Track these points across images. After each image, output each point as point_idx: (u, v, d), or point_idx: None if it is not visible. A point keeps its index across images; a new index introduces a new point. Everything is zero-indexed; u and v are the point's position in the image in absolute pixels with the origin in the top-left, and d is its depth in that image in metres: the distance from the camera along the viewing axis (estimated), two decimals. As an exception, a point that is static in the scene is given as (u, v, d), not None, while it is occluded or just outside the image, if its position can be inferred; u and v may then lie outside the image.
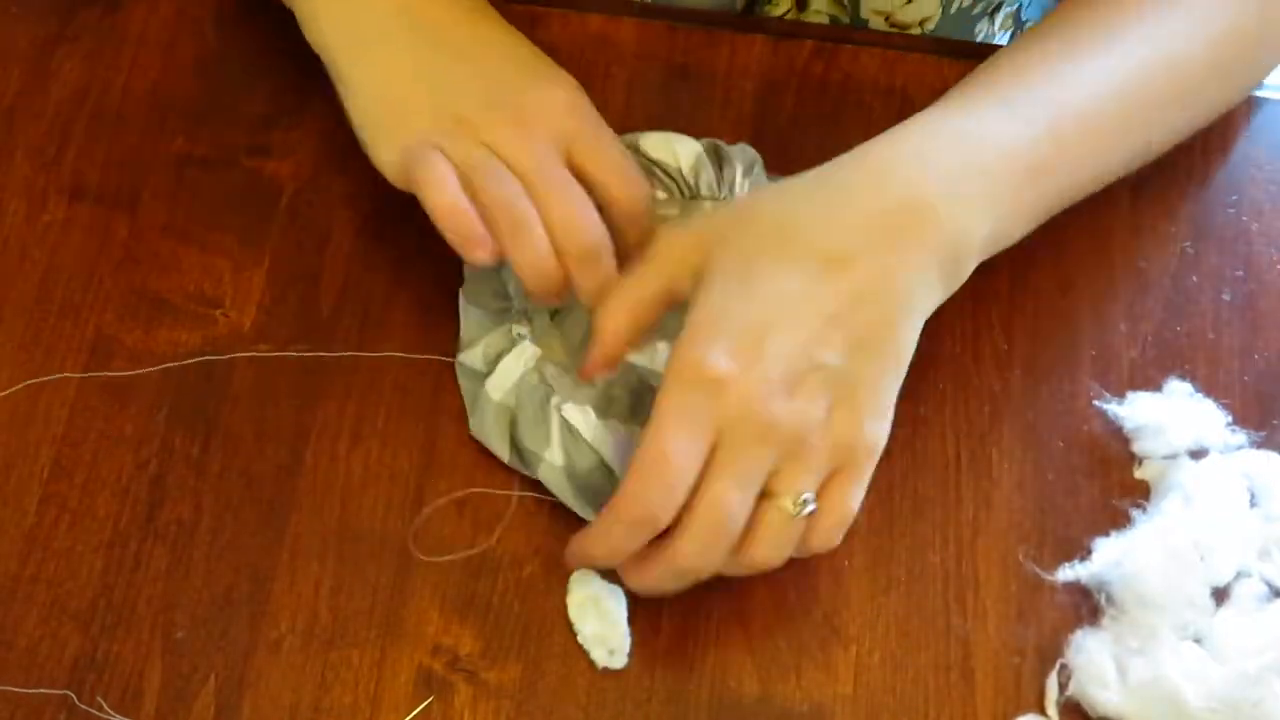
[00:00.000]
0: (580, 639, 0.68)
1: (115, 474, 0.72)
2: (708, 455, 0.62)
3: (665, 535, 0.63)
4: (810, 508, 0.63)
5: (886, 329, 0.64)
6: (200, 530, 0.70)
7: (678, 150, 0.75)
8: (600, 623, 0.68)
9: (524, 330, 0.71)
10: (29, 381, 0.73)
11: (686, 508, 0.62)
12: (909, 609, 0.69)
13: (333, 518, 0.71)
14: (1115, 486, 0.72)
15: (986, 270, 0.76)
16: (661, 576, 0.65)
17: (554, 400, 0.69)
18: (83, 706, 0.66)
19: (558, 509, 0.70)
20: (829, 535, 0.65)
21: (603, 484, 0.68)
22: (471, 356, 0.72)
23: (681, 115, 0.79)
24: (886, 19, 0.87)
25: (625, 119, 0.80)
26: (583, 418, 0.69)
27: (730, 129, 0.79)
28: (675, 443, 0.61)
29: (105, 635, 0.68)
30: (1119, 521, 0.70)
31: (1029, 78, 0.70)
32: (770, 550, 0.64)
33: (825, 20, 0.87)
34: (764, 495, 0.63)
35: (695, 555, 0.63)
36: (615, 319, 0.67)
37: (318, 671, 0.67)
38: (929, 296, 0.66)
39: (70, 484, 0.71)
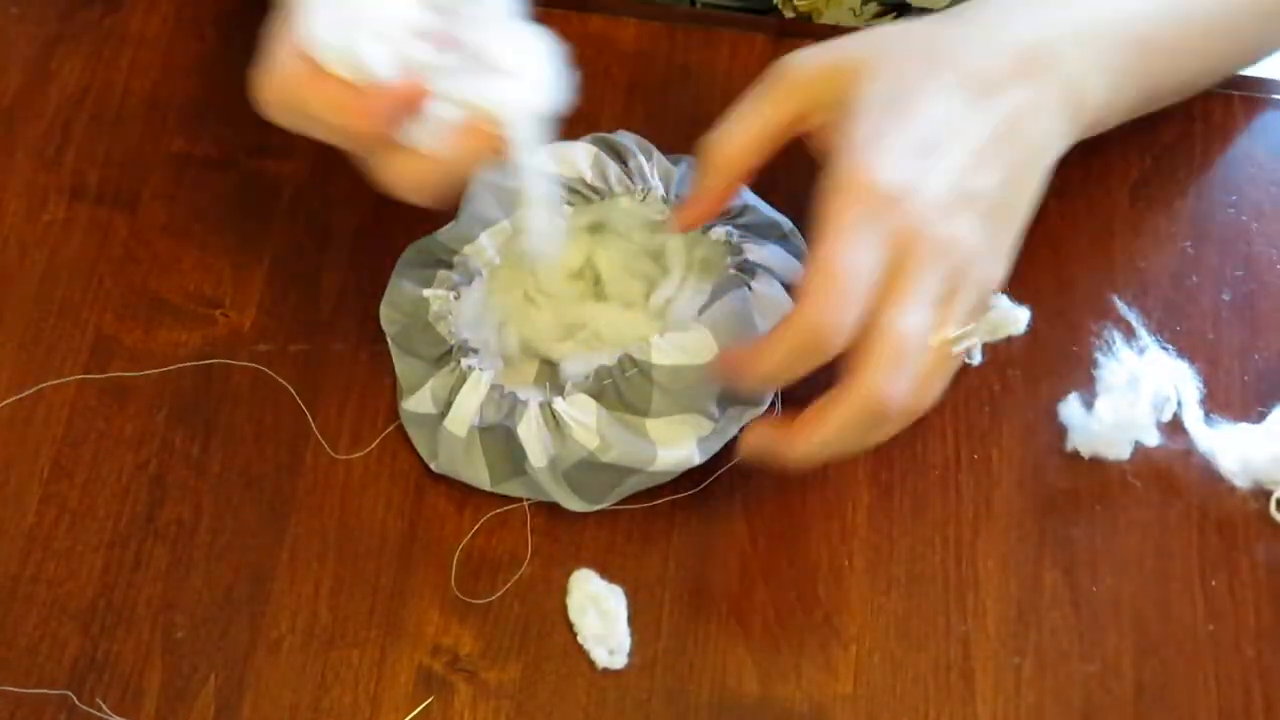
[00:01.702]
0: (580, 639, 0.68)
1: (115, 474, 0.72)
2: (883, 275, 0.59)
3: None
4: (978, 352, 0.63)
5: (1035, 156, 0.65)
6: (200, 530, 0.70)
7: (573, 157, 0.74)
8: (600, 623, 0.68)
9: (473, 361, 0.70)
10: (41, 385, 0.73)
11: (865, 336, 0.59)
12: (909, 609, 0.69)
13: (333, 518, 0.71)
14: (1115, 486, 0.72)
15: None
16: (842, 426, 0.60)
17: (532, 402, 0.69)
18: (83, 706, 0.66)
19: (557, 509, 0.70)
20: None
21: (589, 474, 0.68)
22: (418, 402, 0.70)
23: (682, 115, 0.79)
24: None
25: (625, 119, 0.80)
26: (577, 410, 0.68)
27: (730, 129, 0.79)
28: (850, 255, 0.58)
29: (105, 635, 0.68)
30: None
31: None
32: (935, 389, 0.62)
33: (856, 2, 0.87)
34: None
35: (883, 386, 0.59)
36: (734, 145, 0.64)
37: (318, 671, 0.68)
38: (1061, 135, 0.66)
39: (70, 484, 0.71)
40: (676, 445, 0.68)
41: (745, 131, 0.64)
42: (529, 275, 0.74)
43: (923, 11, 0.86)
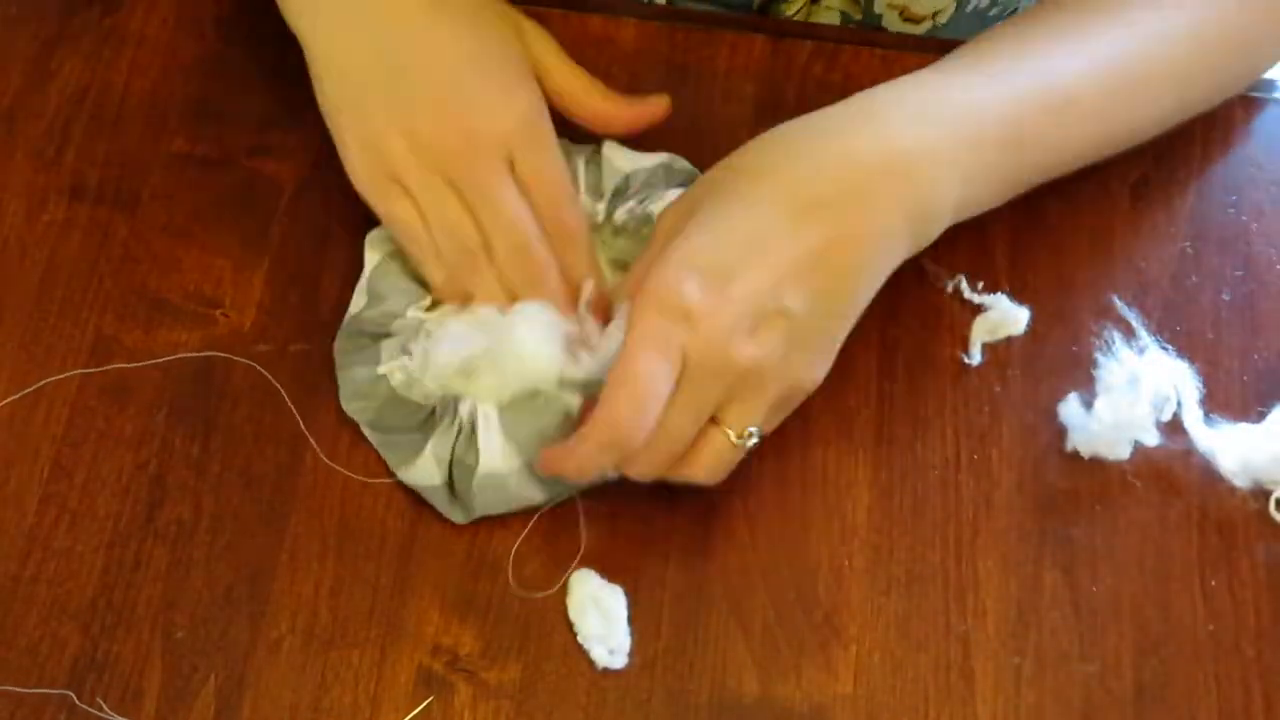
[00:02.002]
0: (580, 639, 0.68)
1: (115, 474, 0.72)
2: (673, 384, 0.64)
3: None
4: (754, 440, 0.66)
5: (849, 281, 0.66)
6: (200, 530, 0.70)
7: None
8: (600, 623, 0.68)
9: (466, 407, 0.70)
10: (42, 382, 0.73)
11: None
12: (909, 609, 0.69)
13: (333, 518, 0.71)
14: (1115, 486, 0.72)
15: (987, 269, 0.76)
16: (599, 467, 0.67)
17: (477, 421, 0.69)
18: (83, 706, 0.66)
19: (557, 509, 0.70)
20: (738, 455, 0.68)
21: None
22: (422, 474, 0.70)
23: (682, 115, 0.79)
24: (900, 13, 0.87)
25: (625, 119, 0.80)
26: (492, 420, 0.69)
27: (730, 129, 0.79)
28: (648, 365, 0.63)
29: (105, 635, 0.68)
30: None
31: (1016, 51, 0.71)
32: (710, 472, 0.67)
33: (837, 17, 0.87)
34: (712, 420, 0.66)
35: (646, 470, 0.66)
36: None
37: (318, 671, 0.67)
38: (893, 253, 0.68)
39: (70, 484, 0.71)
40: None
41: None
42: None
43: (895, 34, 0.87)
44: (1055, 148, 0.71)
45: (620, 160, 0.75)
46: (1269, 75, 0.83)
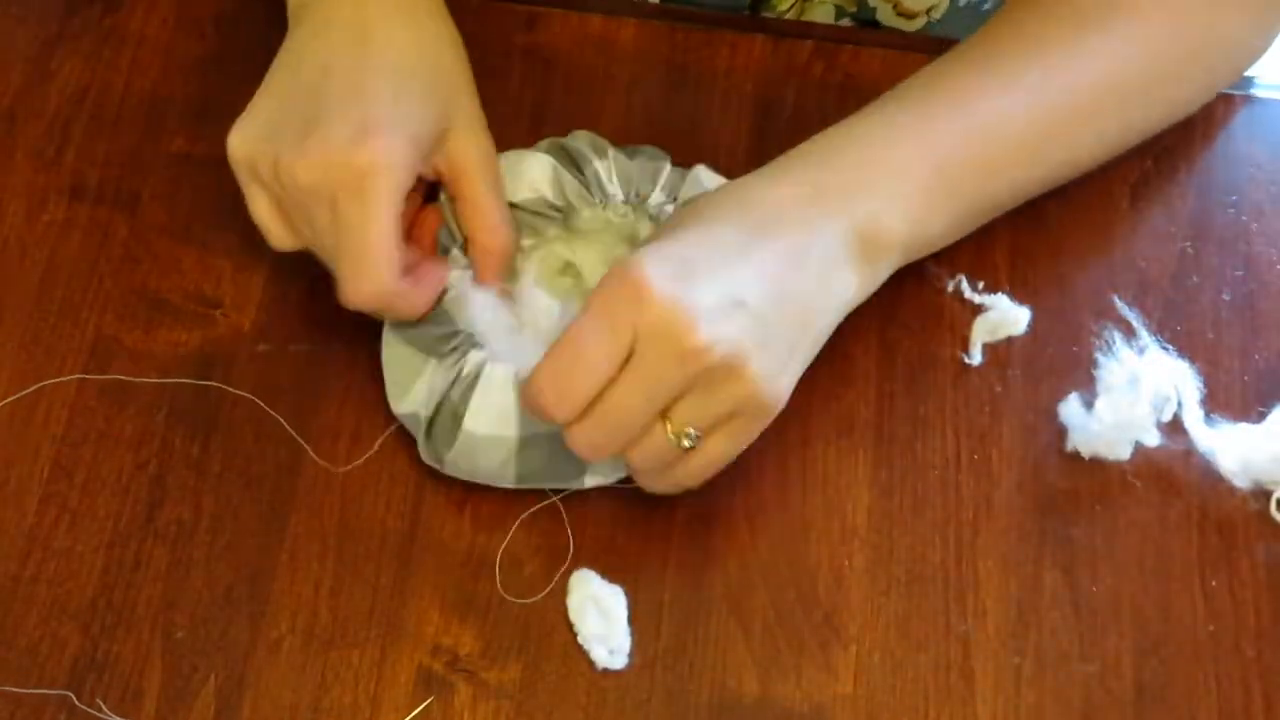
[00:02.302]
0: (580, 639, 0.68)
1: (115, 474, 0.72)
2: (621, 362, 0.63)
3: None
4: (688, 444, 0.65)
5: (807, 297, 0.67)
6: (200, 530, 0.70)
7: (531, 175, 0.74)
8: (600, 623, 0.68)
9: (483, 355, 0.70)
10: (40, 384, 0.73)
11: (592, 402, 0.64)
12: (909, 609, 0.69)
13: (333, 518, 0.71)
14: (1115, 486, 0.72)
15: (987, 270, 0.76)
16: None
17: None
18: (82, 706, 0.66)
19: (556, 509, 0.70)
20: (697, 473, 0.67)
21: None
22: (411, 401, 0.70)
23: (681, 115, 0.79)
24: (894, 7, 0.87)
25: (625, 119, 0.80)
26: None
27: (730, 129, 0.79)
28: (594, 335, 0.63)
29: (105, 635, 0.68)
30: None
31: (951, 86, 0.72)
32: (643, 463, 0.66)
33: (831, 12, 0.87)
34: (661, 414, 0.65)
35: (585, 444, 0.65)
36: None
37: (318, 671, 0.67)
38: (844, 285, 0.68)
39: (70, 484, 0.71)
40: None
41: None
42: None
43: (890, 30, 0.87)
44: (998, 181, 0.73)
45: (706, 179, 0.74)
46: (1269, 75, 0.83)
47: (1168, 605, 0.70)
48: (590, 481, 0.70)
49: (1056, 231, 0.77)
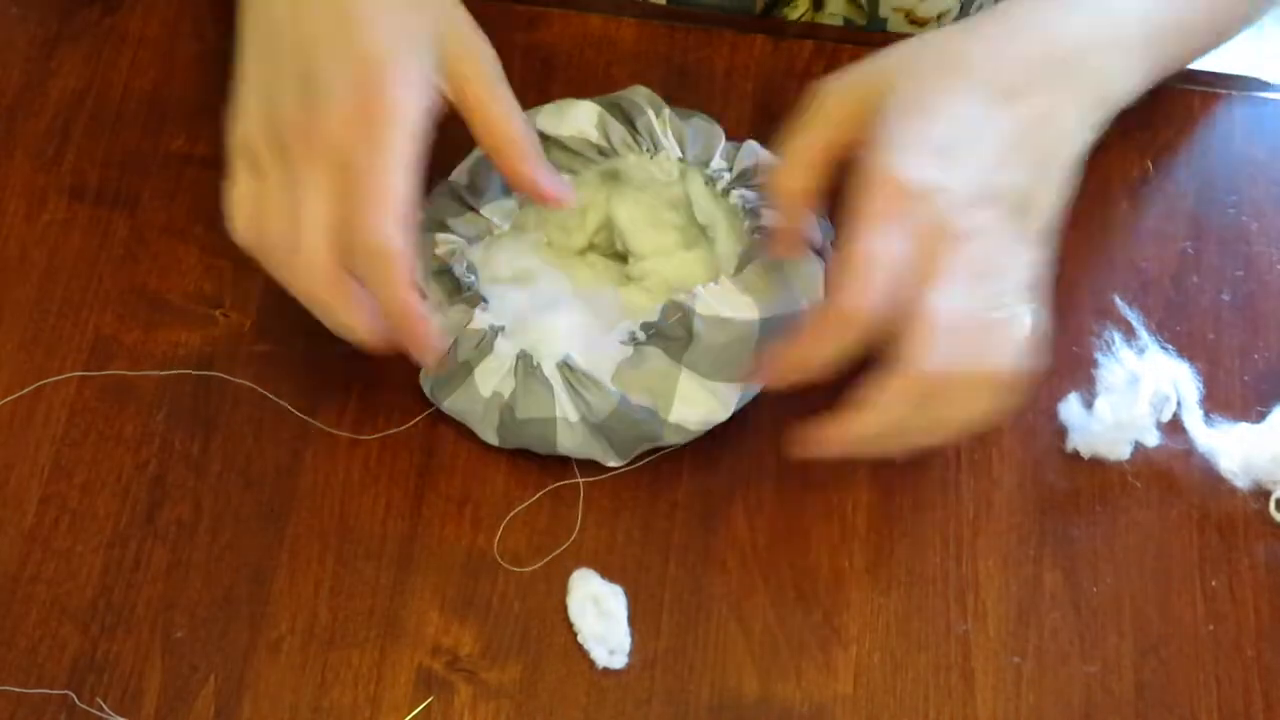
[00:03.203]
0: (580, 639, 0.68)
1: (115, 474, 0.72)
2: (912, 265, 0.61)
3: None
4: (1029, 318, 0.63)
5: (1055, 160, 0.66)
6: (200, 530, 0.70)
7: (576, 116, 0.74)
8: (600, 623, 0.68)
9: (489, 318, 0.71)
10: (42, 383, 0.73)
11: (904, 320, 0.61)
12: (909, 609, 0.69)
13: (333, 518, 0.71)
14: (1115, 486, 0.72)
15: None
16: (888, 407, 0.62)
17: (557, 358, 0.70)
18: (82, 706, 0.66)
19: (556, 509, 0.70)
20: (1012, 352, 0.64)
21: (620, 424, 0.69)
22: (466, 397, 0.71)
23: (681, 115, 0.79)
24: (906, 16, 0.87)
25: (625, 119, 0.80)
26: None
27: (730, 129, 0.79)
28: (877, 246, 0.61)
29: (105, 635, 0.68)
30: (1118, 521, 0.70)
31: None
32: (1010, 356, 0.63)
33: (840, 21, 0.87)
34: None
35: (921, 359, 0.61)
36: (794, 180, 0.67)
37: (318, 671, 0.67)
38: (1082, 134, 0.67)
39: (70, 484, 0.71)
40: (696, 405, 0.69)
41: (800, 164, 0.67)
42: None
43: (900, 37, 0.87)
44: (1197, 32, 0.75)
45: (760, 151, 0.75)
46: (1270, 75, 0.83)
47: (1168, 605, 0.70)
48: (603, 456, 0.70)
49: (1056, 231, 0.77)
